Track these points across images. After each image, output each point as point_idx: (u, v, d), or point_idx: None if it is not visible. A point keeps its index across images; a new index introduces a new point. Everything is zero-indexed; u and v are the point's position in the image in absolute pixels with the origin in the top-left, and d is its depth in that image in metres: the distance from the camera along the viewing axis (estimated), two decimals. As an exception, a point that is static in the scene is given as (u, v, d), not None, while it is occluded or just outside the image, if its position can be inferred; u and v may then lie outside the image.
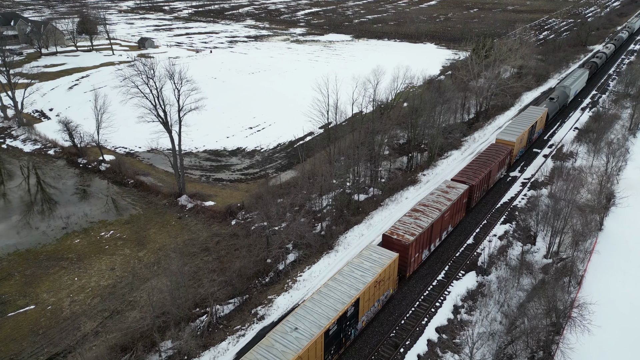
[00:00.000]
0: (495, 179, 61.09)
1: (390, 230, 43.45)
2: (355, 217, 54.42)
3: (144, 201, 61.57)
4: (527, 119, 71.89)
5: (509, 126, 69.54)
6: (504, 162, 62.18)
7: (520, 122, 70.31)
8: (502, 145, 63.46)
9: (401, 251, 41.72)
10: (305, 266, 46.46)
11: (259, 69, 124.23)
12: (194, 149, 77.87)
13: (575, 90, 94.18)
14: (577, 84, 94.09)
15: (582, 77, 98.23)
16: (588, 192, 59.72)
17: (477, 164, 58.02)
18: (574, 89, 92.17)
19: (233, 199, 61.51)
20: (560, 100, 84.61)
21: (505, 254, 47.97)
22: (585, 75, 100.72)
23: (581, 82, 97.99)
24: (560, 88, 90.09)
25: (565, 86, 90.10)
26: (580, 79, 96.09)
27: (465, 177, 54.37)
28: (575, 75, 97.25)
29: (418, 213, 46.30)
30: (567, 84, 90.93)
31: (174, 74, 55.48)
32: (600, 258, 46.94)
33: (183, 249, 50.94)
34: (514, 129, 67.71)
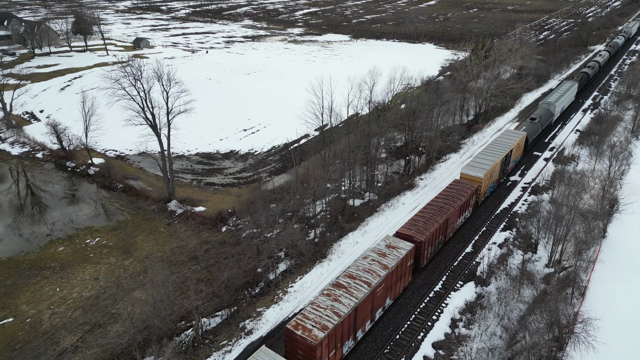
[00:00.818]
0: (456, 226, 50.03)
1: (295, 322, 31.53)
2: (349, 224, 52.53)
3: (132, 206, 59.66)
4: (500, 146, 60.51)
5: (478, 156, 58.04)
6: (467, 203, 51.08)
7: (492, 151, 58.96)
8: (466, 183, 52.65)
9: (307, 353, 30.73)
10: (297, 276, 44.57)
11: (255, 70, 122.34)
12: (186, 152, 75.96)
13: (562, 107, 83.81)
14: (564, 99, 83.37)
15: (571, 91, 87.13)
16: (590, 197, 57.88)
17: (433, 209, 47.05)
18: (559, 105, 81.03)
19: (224, 204, 59.63)
20: (542, 120, 74.01)
21: (505, 263, 46.10)
22: (574, 88, 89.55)
23: (569, 97, 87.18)
24: (544, 105, 79.34)
25: (549, 103, 79.30)
26: (568, 93, 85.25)
27: (414, 230, 43.25)
28: (562, 89, 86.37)
29: (340, 290, 34.27)
30: (551, 100, 79.95)
31: (162, 75, 53.44)
32: (604, 267, 45.05)
33: (170, 257, 49.07)
34: (483, 161, 56.41)
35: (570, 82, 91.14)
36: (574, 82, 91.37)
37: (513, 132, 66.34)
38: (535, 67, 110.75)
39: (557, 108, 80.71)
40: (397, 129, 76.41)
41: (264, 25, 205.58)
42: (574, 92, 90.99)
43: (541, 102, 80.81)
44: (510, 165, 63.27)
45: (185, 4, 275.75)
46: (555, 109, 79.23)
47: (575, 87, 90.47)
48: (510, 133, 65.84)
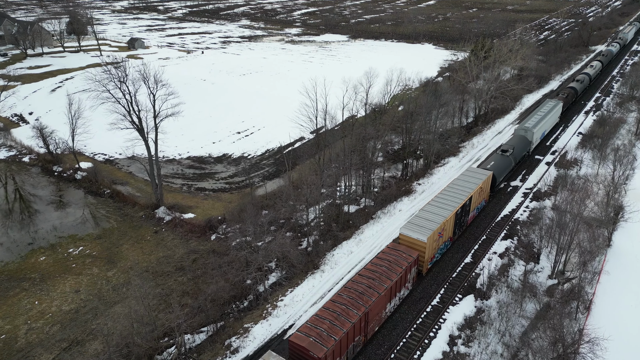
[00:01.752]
0: (385, 314, 37.20)
1: None
2: (344, 232, 50.36)
3: (119, 213, 57.49)
4: (456, 192, 47.62)
5: (426, 209, 44.72)
6: (403, 279, 38.20)
7: (445, 200, 46.20)
8: (404, 249, 39.93)
9: None
10: (287, 289, 42.41)
11: (251, 71, 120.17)
12: (177, 156, 73.80)
13: (542, 132, 71.35)
14: (545, 122, 70.74)
15: (554, 112, 74.60)
16: (594, 203, 55.77)
17: (350, 295, 34.43)
18: (539, 131, 68.87)
19: (215, 210, 57.49)
20: (517, 152, 61.78)
21: (507, 275, 43.97)
22: (558, 108, 77.40)
23: (551, 119, 74.65)
24: (519, 132, 66.84)
25: (525, 129, 66.46)
26: (550, 114, 72.71)
27: (313, 336, 30.70)
28: (543, 109, 73.52)
29: None
30: (528, 125, 67.30)
31: (149, 77, 51.25)
32: (610, 279, 42.92)
33: (156, 267, 46.93)
34: (431, 216, 43.26)
35: (553, 101, 78.55)
36: (557, 100, 78.97)
37: (476, 171, 53.30)
38: (536, 67, 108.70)
39: (536, 134, 67.84)
40: (395, 132, 74.27)
41: (261, 25, 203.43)
42: (558, 113, 78.22)
43: (516, 128, 68.20)
44: (471, 214, 50.27)
45: (182, 4, 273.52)
46: (533, 135, 66.31)
47: (560, 106, 77.94)
48: (472, 173, 52.63)
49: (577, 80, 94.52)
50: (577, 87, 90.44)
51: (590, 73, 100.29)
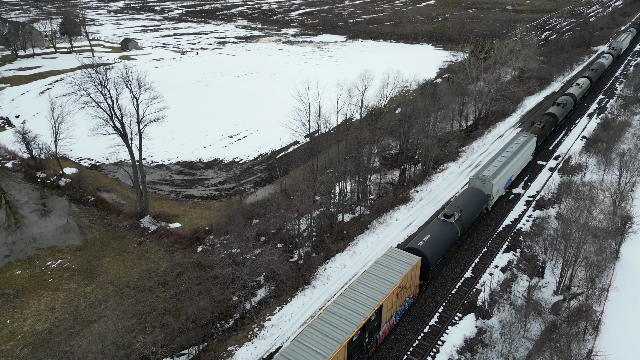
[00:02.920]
0: None
1: None
2: (337, 245, 47.71)
3: (102, 222, 54.82)
4: (360, 300, 32.70)
5: (321, 320, 31.10)
6: None
7: (352, 304, 32.36)
8: None
9: None
10: (275, 307, 39.77)
11: (246, 72, 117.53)
12: (166, 161, 71.13)
13: (507, 180, 55.95)
14: (511, 166, 55.35)
15: (525, 150, 59.58)
16: (600, 212, 53.19)
17: None
18: (502, 179, 53.08)
19: (202, 219, 54.86)
20: (466, 216, 46.19)
21: (509, 291, 41.36)
22: (532, 143, 62.10)
23: (522, 159, 59.80)
24: (475, 183, 51.27)
25: (483, 179, 50.53)
26: (519, 155, 57.67)
27: None
28: (511, 148, 58.28)
29: None
30: (487, 173, 51.80)
31: (131, 80, 48.61)
32: (619, 296, 40.32)
33: (138, 282, 44.26)
34: (322, 337, 29.61)
35: (525, 135, 63.17)
36: (530, 135, 63.54)
37: (399, 255, 37.80)
38: (537, 68, 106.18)
39: (498, 185, 51.91)
40: (392, 136, 71.70)
41: (258, 25, 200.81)
42: (531, 149, 63.33)
43: (471, 177, 52.48)
44: (383, 328, 34.97)
45: (179, 4, 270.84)
46: (493, 187, 50.43)
47: (534, 141, 62.93)
48: (389, 259, 37.10)
49: (558, 103, 78.33)
50: (556, 113, 74.98)
51: (575, 93, 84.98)
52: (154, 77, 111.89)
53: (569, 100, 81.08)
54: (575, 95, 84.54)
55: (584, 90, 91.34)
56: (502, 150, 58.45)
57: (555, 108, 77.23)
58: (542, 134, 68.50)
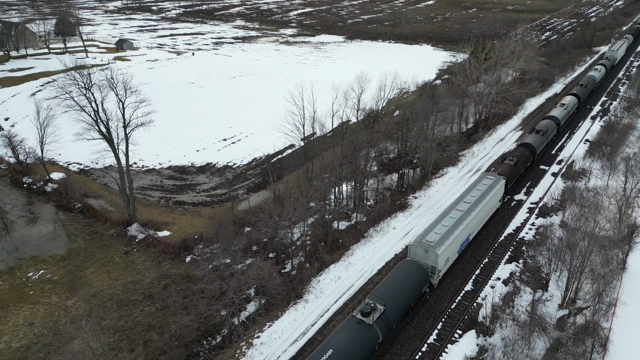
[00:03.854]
0: None
1: None
2: (332, 255, 45.65)
3: (88, 231, 52.75)
4: None
5: None
6: None
7: None
8: None
9: None
10: (265, 322, 37.70)
11: (242, 73, 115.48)
12: (157, 165, 69.05)
13: (460, 244, 42.64)
14: (467, 225, 42.69)
15: (488, 199, 47.29)
16: (606, 219, 51.15)
17: None
18: (452, 246, 40.43)
19: (192, 227, 52.80)
20: (393, 311, 33.95)
21: (512, 305, 39.31)
22: (498, 188, 49.92)
23: (484, 210, 47.22)
24: (416, 253, 38.98)
25: (427, 247, 38.31)
26: (480, 206, 45.49)
27: None
28: (471, 197, 46.23)
29: None
30: (433, 238, 39.27)
31: (116, 83, 46.54)
32: (627, 311, 38.27)
33: (122, 295, 42.22)
34: None
35: (491, 176, 51.03)
36: (497, 177, 51.10)
37: None
38: (539, 69, 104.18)
39: (447, 252, 39.49)
40: (390, 139, 69.66)
41: (256, 25, 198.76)
42: (498, 194, 50.79)
43: (411, 245, 39.53)
44: None
45: (177, 4, 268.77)
46: (437, 258, 37.89)
47: (501, 185, 50.79)
48: None
49: (537, 130, 66.00)
50: (534, 142, 62.76)
51: (559, 116, 72.39)
52: (147, 79, 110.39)
53: (550, 126, 68.83)
54: (558, 119, 71.91)
55: (570, 111, 78.58)
56: (458, 201, 45.87)
57: (533, 137, 64.64)
58: (513, 173, 55.56)
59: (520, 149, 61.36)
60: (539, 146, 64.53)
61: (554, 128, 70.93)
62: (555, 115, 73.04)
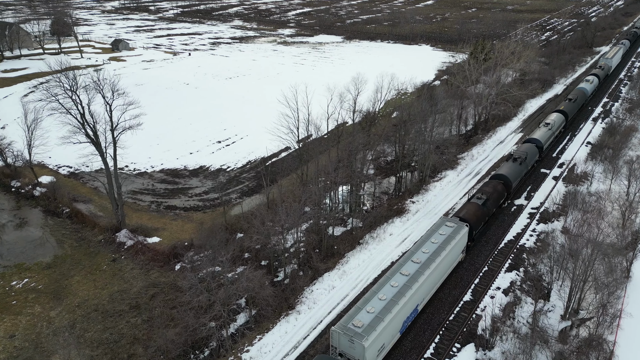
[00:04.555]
0: None
1: None
2: (326, 263, 44.12)
3: (76, 237, 51.19)
4: None
5: None
6: None
7: None
8: None
9: None
10: (255, 335, 36.19)
11: (238, 74, 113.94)
12: (149, 168, 67.48)
13: (402, 322, 33.93)
14: (414, 294, 34.23)
15: (447, 253, 38.36)
16: (609, 225, 49.69)
17: None
18: (389, 329, 31.92)
19: (183, 233, 51.28)
20: None
21: (512, 316, 37.81)
22: (461, 237, 40.48)
23: (443, 266, 38.56)
24: (340, 342, 30.59)
25: (352, 336, 29.74)
26: (436, 264, 36.91)
27: None
28: (419, 257, 37.03)
29: None
30: (361, 321, 30.73)
31: (103, 85, 45.00)
32: (632, 324, 36.79)
33: (108, 306, 40.68)
34: None
35: (450, 224, 40.90)
36: (458, 225, 41.21)
37: None
38: (539, 70, 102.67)
39: (381, 339, 31.08)
40: (388, 142, 68.11)
41: (254, 25, 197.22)
42: (460, 245, 41.05)
43: (334, 330, 30.94)
44: None
45: (174, 4, 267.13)
46: (366, 352, 29.48)
47: (464, 234, 40.91)
48: None
49: (515, 158, 55.39)
50: (509, 173, 52.64)
51: (542, 139, 62.04)
52: (142, 79, 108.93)
53: (530, 151, 58.54)
54: (540, 142, 61.73)
55: (556, 131, 68.04)
56: (405, 260, 36.72)
57: (508, 166, 54.06)
58: (481, 215, 44.94)
59: (492, 182, 51.13)
60: (516, 178, 53.72)
61: (535, 153, 60.58)
62: (537, 137, 62.68)
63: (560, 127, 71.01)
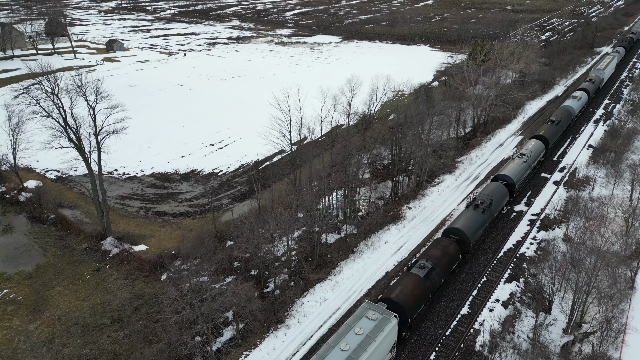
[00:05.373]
0: None
1: None
2: (317, 273, 42.34)
3: (59, 244, 49.38)
4: None
5: None
6: None
7: None
8: None
9: None
10: (242, 351, 34.44)
11: (233, 75, 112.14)
12: (139, 172, 65.67)
13: None
14: None
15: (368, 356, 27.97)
16: (612, 233, 47.94)
17: None
18: None
19: (171, 241, 49.50)
20: None
21: (512, 331, 36.07)
22: (388, 332, 29.87)
23: None
24: None
25: None
26: None
27: None
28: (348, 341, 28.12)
29: None
30: None
31: (85, 88, 43.24)
32: (638, 339, 34.98)
33: (89, 319, 38.91)
34: None
35: (374, 316, 30.48)
36: (385, 315, 30.85)
37: None
38: (539, 71, 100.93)
39: None
40: (384, 145, 66.36)
41: (251, 26, 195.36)
42: (386, 343, 30.31)
43: None
44: None
45: (172, 4, 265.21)
46: None
47: (392, 327, 30.74)
48: None
49: (476, 205, 44.45)
50: (466, 227, 41.10)
51: (513, 175, 49.91)
52: (135, 80, 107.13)
53: (497, 193, 46.01)
54: (512, 179, 49.85)
55: (533, 162, 54.96)
56: None
57: (466, 217, 42.09)
58: (420, 293, 34.52)
59: (443, 242, 39.48)
60: (475, 232, 41.33)
61: (504, 195, 47.83)
62: (507, 173, 50.71)
63: (540, 157, 58.31)
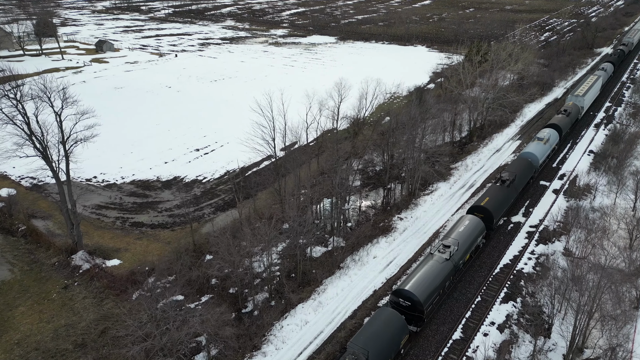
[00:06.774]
0: None
1: None
2: (299, 294, 39.34)
3: (28, 259, 46.37)
4: None
5: None
6: None
7: None
8: None
9: None
10: (212, 382, 31.46)
11: (224, 76, 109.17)
12: (119, 180, 62.65)
13: None
14: None
15: None
16: (615, 246, 45.05)
17: None
18: None
19: (147, 254, 46.55)
20: None
21: (509, 358, 33.12)
22: None
23: None
24: None
25: None
26: None
27: None
28: None
29: None
30: None
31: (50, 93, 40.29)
32: (647, 368, 32.10)
33: (50, 343, 35.92)
34: None
35: None
36: None
37: None
38: (538, 72, 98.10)
39: None
40: (376, 150, 63.42)
41: (246, 26, 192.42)
42: None
43: None
44: None
45: (167, 4, 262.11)
46: None
47: None
48: None
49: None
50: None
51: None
52: (122, 82, 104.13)
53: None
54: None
55: (470, 246, 40.24)
56: None
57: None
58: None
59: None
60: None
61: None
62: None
63: (479, 237, 42.35)
